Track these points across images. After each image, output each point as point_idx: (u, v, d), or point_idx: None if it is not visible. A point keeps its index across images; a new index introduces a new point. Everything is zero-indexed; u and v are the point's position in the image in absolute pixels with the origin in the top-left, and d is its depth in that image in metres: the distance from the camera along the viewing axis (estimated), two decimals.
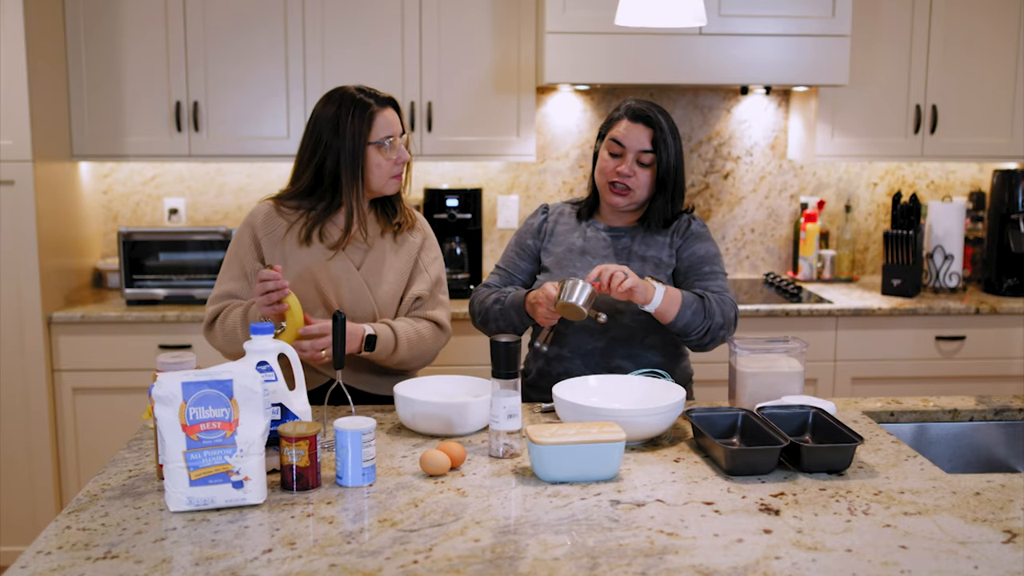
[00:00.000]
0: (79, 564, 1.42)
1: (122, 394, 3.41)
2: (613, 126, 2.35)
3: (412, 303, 2.29)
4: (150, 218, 3.94)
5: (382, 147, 2.19)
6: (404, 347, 2.19)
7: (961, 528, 1.56)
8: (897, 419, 2.23)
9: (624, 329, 2.33)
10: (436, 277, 2.32)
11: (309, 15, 3.57)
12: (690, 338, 2.27)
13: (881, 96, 3.80)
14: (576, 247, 2.40)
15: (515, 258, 2.47)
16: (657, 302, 2.18)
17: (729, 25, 3.52)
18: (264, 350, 1.75)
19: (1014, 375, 3.66)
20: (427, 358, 2.28)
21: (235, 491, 1.61)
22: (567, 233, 2.44)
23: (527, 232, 2.48)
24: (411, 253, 2.31)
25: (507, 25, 3.64)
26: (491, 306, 2.37)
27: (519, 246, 2.48)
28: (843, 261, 4.10)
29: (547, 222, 2.47)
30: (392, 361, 2.20)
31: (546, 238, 2.45)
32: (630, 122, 2.32)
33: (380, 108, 2.20)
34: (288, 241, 2.23)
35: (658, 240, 2.39)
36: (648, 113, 2.32)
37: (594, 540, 1.50)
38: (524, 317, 2.32)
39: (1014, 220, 3.79)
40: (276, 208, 2.27)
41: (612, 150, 2.34)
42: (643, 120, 2.31)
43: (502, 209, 4.03)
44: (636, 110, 2.33)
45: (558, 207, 2.51)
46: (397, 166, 2.23)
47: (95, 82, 3.55)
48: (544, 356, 2.40)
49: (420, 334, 2.23)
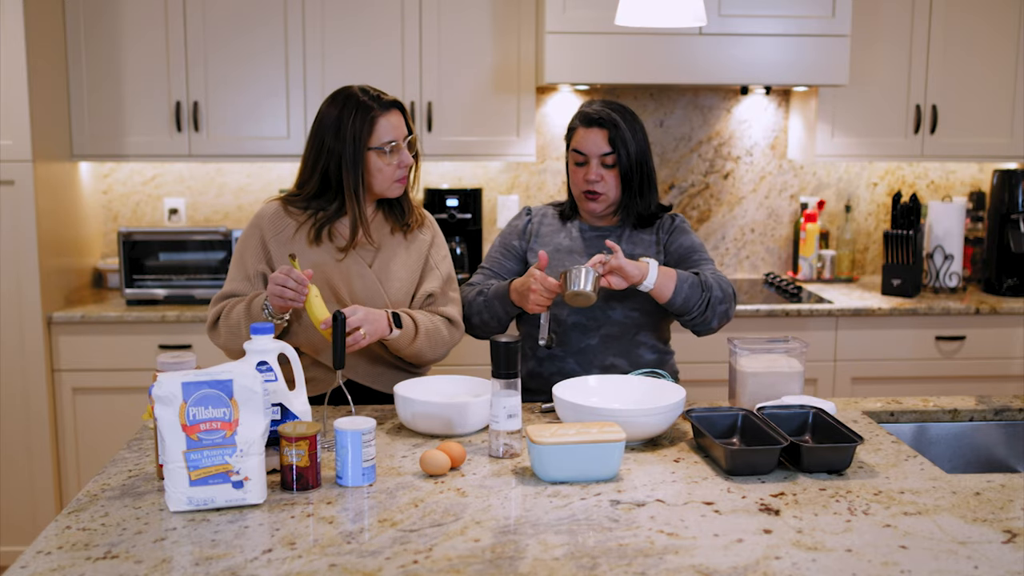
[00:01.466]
0: (79, 564, 1.42)
1: (122, 394, 3.41)
2: (573, 135, 2.38)
3: (425, 300, 2.29)
4: (150, 218, 3.94)
5: (383, 152, 2.18)
6: (423, 336, 2.19)
7: (961, 528, 1.56)
8: (897, 419, 2.23)
9: (617, 326, 2.34)
10: (447, 274, 2.33)
11: (309, 15, 3.57)
12: (692, 315, 2.25)
13: (881, 96, 3.80)
14: (563, 247, 2.42)
15: (500, 259, 2.48)
16: (653, 276, 2.18)
17: (729, 25, 3.52)
18: (264, 350, 1.75)
19: (1014, 375, 3.66)
20: (440, 353, 2.27)
21: (235, 491, 1.61)
22: (552, 234, 2.46)
23: (512, 234, 2.49)
24: (421, 251, 2.31)
25: (507, 25, 3.64)
26: (474, 299, 2.38)
27: (504, 247, 2.49)
28: (843, 261, 4.10)
29: (531, 223, 2.49)
30: (412, 349, 2.19)
31: (531, 239, 2.47)
32: (585, 128, 2.35)
33: (383, 112, 2.18)
34: (298, 240, 2.23)
35: (644, 238, 2.41)
36: (600, 116, 2.33)
37: (594, 540, 1.50)
38: (509, 307, 2.32)
39: (1014, 220, 3.79)
40: (284, 208, 2.26)
41: (576, 160, 2.37)
42: (596, 123, 2.33)
43: (502, 209, 4.03)
44: (588, 115, 2.35)
45: (541, 209, 2.53)
46: (400, 170, 2.22)
47: (95, 82, 3.55)
48: (535, 356, 2.40)
49: (437, 327, 2.23)
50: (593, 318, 2.33)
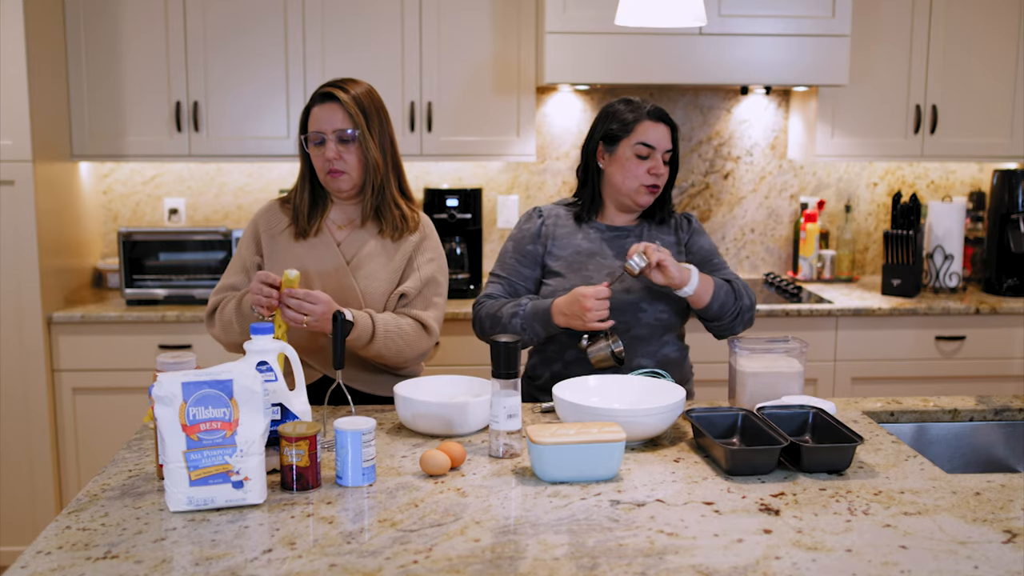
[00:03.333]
0: (79, 564, 1.42)
1: (122, 394, 3.41)
2: (635, 129, 2.34)
3: (397, 300, 2.28)
4: (150, 218, 3.94)
5: (314, 144, 2.24)
6: (381, 338, 2.16)
7: (961, 528, 1.56)
8: (897, 419, 2.23)
9: (647, 328, 2.34)
10: (428, 277, 2.29)
11: (309, 15, 3.57)
12: (722, 321, 2.32)
13: (881, 96, 3.80)
14: (583, 249, 2.39)
15: (516, 265, 2.42)
16: (695, 282, 2.23)
17: (729, 25, 3.52)
18: (264, 350, 1.75)
19: (1014, 375, 3.66)
20: (407, 355, 2.23)
21: (235, 491, 1.61)
22: (569, 235, 2.42)
23: (526, 238, 2.43)
24: (406, 253, 2.30)
25: (507, 25, 3.64)
26: (509, 321, 2.30)
27: (519, 252, 2.43)
28: (843, 261, 4.10)
29: (545, 226, 2.43)
30: (369, 352, 2.18)
31: (548, 242, 2.42)
32: (653, 122, 2.35)
33: (316, 103, 2.25)
34: (286, 235, 2.31)
35: (662, 238, 2.42)
36: (665, 111, 2.38)
37: (594, 540, 1.50)
38: (550, 327, 2.27)
39: (1014, 220, 3.79)
40: (280, 204, 2.37)
41: (640, 152, 2.34)
42: (663, 119, 2.37)
43: (502, 209, 4.03)
44: (658, 111, 2.37)
45: (551, 209, 2.48)
46: (326, 162, 2.23)
47: (95, 82, 3.55)
48: (562, 359, 2.37)
49: (401, 329, 2.20)
50: (623, 321, 2.32)
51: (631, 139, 2.34)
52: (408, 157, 3.59)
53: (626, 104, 2.38)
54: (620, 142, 2.36)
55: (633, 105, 2.38)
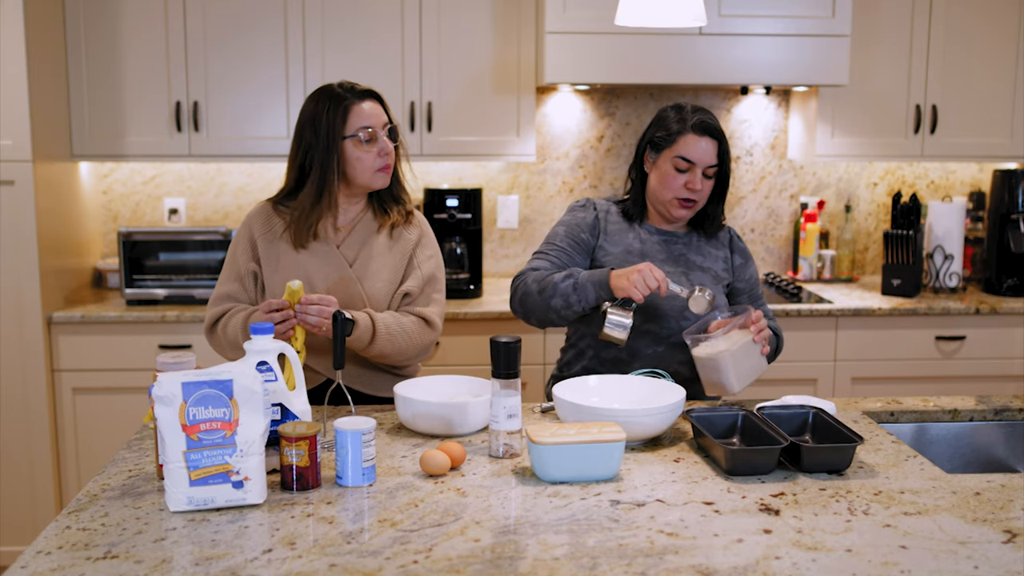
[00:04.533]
0: (79, 564, 1.42)
1: (122, 394, 3.41)
2: (677, 140, 2.31)
3: (401, 299, 2.28)
4: (150, 218, 3.94)
5: (360, 140, 2.19)
6: (383, 338, 2.15)
7: (961, 528, 1.56)
8: (897, 419, 2.23)
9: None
10: (429, 275, 2.30)
11: (309, 15, 3.57)
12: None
13: (881, 96, 3.80)
14: (634, 249, 2.38)
15: (570, 251, 2.37)
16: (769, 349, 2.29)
17: (729, 25, 3.52)
18: (264, 350, 1.75)
19: (1014, 375, 3.66)
20: (410, 354, 2.24)
21: (235, 491, 1.61)
22: (621, 233, 2.40)
23: (580, 226, 2.40)
24: (405, 251, 2.30)
25: (507, 25, 3.64)
26: (561, 281, 2.25)
27: (572, 238, 2.39)
28: (843, 261, 4.10)
29: (599, 220, 2.41)
30: (372, 352, 2.17)
31: (601, 236, 2.40)
32: (697, 136, 2.30)
33: (356, 101, 2.19)
34: (285, 239, 2.25)
35: (711, 252, 2.41)
36: (714, 124, 2.31)
37: (594, 540, 1.50)
38: (603, 293, 2.22)
39: (1014, 220, 3.79)
40: (273, 208, 2.30)
41: (679, 166, 2.31)
42: (710, 133, 2.30)
43: (502, 209, 4.03)
44: (704, 124, 2.30)
45: (603, 205, 2.45)
46: (380, 158, 2.21)
47: (95, 82, 3.55)
48: (598, 356, 2.37)
49: (403, 328, 2.20)
50: (667, 327, 2.33)
51: (672, 151, 2.32)
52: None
53: (676, 112, 2.35)
54: (663, 151, 2.34)
55: (681, 115, 2.33)
